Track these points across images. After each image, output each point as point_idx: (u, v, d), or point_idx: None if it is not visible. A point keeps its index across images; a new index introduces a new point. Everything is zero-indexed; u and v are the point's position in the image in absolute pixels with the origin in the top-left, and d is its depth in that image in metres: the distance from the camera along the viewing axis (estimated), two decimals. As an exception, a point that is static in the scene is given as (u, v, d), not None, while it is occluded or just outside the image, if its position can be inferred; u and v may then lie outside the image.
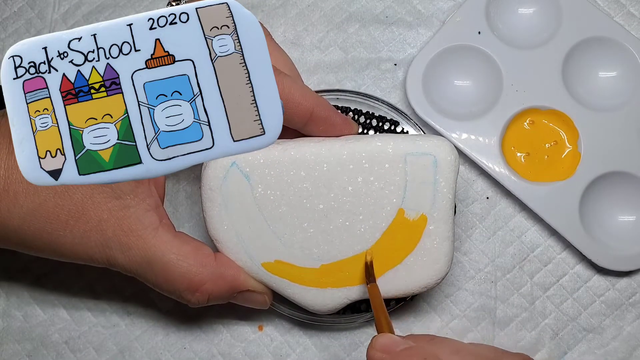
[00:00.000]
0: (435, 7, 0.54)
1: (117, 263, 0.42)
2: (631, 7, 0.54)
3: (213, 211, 0.43)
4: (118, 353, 0.50)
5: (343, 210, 0.43)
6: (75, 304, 0.51)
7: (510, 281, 0.50)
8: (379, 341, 0.39)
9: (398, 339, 0.39)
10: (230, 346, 0.50)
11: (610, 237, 0.49)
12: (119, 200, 0.41)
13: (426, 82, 0.51)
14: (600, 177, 0.49)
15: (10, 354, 0.50)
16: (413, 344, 0.39)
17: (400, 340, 0.39)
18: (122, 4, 0.55)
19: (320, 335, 0.49)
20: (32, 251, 0.43)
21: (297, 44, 0.54)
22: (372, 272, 0.43)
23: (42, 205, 0.40)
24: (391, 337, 0.39)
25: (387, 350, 0.38)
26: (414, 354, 0.38)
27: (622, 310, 0.49)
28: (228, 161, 0.43)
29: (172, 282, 0.42)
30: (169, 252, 0.41)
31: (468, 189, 0.51)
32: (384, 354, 0.38)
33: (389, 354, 0.38)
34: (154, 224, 0.41)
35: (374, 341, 0.39)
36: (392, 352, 0.38)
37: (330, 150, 0.43)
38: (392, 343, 0.38)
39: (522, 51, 0.51)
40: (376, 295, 0.42)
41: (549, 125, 0.51)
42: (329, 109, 0.44)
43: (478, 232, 0.51)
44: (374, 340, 0.39)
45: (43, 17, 0.56)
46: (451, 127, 0.50)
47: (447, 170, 0.43)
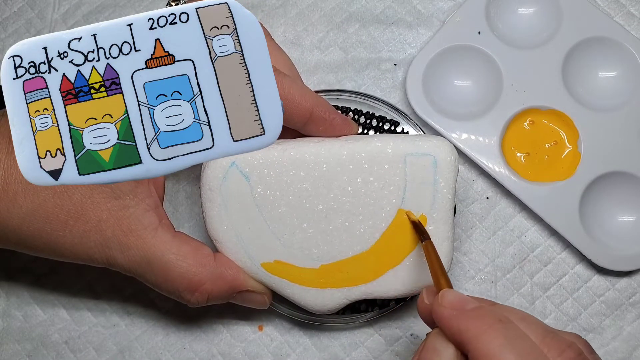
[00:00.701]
0: (435, 7, 0.54)
1: (116, 263, 0.42)
2: (631, 7, 0.54)
3: (213, 211, 0.43)
4: (118, 353, 0.50)
5: (343, 210, 0.43)
6: (75, 304, 0.51)
7: (510, 281, 0.50)
8: (446, 297, 0.36)
9: (466, 296, 0.36)
10: (230, 346, 0.50)
11: (610, 237, 0.49)
12: (119, 201, 0.41)
13: (426, 82, 0.51)
14: (600, 177, 0.49)
15: (10, 354, 0.50)
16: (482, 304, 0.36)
17: (469, 299, 0.36)
18: (122, 4, 0.55)
19: (320, 335, 0.49)
20: (32, 251, 0.43)
21: (297, 44, 0.54)
22: (423, 228, 0.42)
23: (42, 206, 0.40)
24: (459, 294, 0.36)
25: (457, 308, 0.35)
26: (486, 314, 0.35)
27: (622, 310, 0.49)
28: (228, 161, 0.43)
29: (171, 282, 0.42)
30: (169, 252, 0.41)
31: (468, 189, 0.51)
32: (454, 311, 0.35)
33: (460, 311, 0.35)
34: (153, 224, 0.41)
35: (441, 297, 0.36)
36: (462, 309, 0.35)
37: (329, 150, 0.43)
38: (460, 300, 0.36)
39: (522, 51, 0.51)
40: (432, 252, 0.40)
41: (549, 125, 0.51)
42: (328, 109, 0.44)
43: (478, 232, 0.51)
44: (440, 297, 0.36)
45: (43, 17, 0.56)
46: (451, 127, 0.50)
47: (446, 170, 0.43)
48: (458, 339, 0.34)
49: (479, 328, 0.34)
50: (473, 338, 0.33)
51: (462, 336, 0.34)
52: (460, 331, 0.34)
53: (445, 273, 0.39)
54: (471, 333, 0.33)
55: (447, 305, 0.36)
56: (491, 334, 0.33)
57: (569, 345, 0.34)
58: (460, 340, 0.34)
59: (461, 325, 0.34)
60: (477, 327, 0.34)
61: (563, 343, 0.34)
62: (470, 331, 0.34)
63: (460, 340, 0.34)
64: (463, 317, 0.35)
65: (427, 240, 0.41)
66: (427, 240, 0.41)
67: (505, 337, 0.33)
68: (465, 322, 0.34)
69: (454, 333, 0.34)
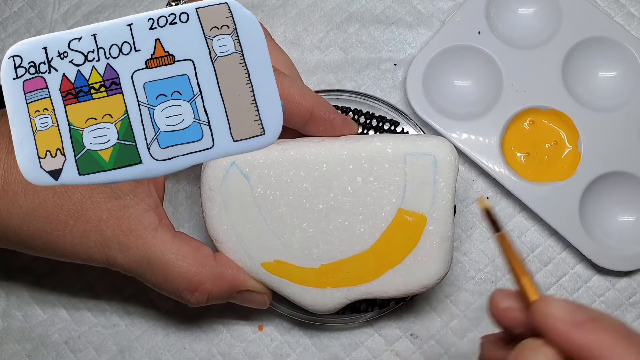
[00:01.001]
0: (435, 7, 0.54)
1: (116, 263, 0.42)
2: (631, 7, 0.54)
3: (213, 211, 0.43)
4: (118, 353, 0.50)
5: (343, 210, 0.43)
6: (75, 304, 0.51)
7: (510, 281, 0.50)
8: (555, 306, 0.32)
9: (574, 305, 0.32)
10: (230, 346, 0.50)
11: (610, 237, 0.49)
12: (119, 200, 0.41)
13: (426, 82, 0.51)
14: (600, 177, 0.49)
15: (10, 354, 0.50)
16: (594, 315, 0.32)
17: (577, 308, 0.32)
18: (122, 4, 0.55)
19: (320, 335, 0.49)
20: (32, 251, 0.43)
21: (297, 44, 0.54)
22: (495, 218, 0.36)
23: (42, 205, 0.40)
24: (568, 303, 0.32)
25: (569, 320, 0.31)
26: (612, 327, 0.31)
27: (622, 310, 0.49)
28: (228, 161, 0.43)
29: (171, 282, 0.42)
30: (168, 252, 0.41)
31: (468, 189, 0.51)
32: (567, 324, 0.31)
33: (574, 324, 0.31)
34: (153, 224, 0.41)
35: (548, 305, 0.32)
36: (576, 321, 0.31)
37: (329, 150, 0.43)
38: (572, 311, 0.31)
39: (522, 51, 0.51)
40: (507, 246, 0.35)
41: (549, 125, 0.51)
42: (328, 109, 0.44)
43: (478, 232, 0.51)
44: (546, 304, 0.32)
45: (43, 17, 0.56)
46: (451, 127, 0.50)
47: (446, 170, 0.43)
48: (577, 355, 0.31)
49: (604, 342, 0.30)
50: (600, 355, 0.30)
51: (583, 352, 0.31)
52: (582, 346, 0.31)
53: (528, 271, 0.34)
54: (596, 348, 0.30)
55: (561, 319, 0.31)
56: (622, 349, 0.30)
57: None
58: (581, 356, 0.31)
59: (582, 340, 0.31)
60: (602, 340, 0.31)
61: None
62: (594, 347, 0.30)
63: (580, 356, 0.31)
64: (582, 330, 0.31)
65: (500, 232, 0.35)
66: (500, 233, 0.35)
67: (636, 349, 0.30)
68: (588, 336, 0.31)
69: (572, 348, 0.31)
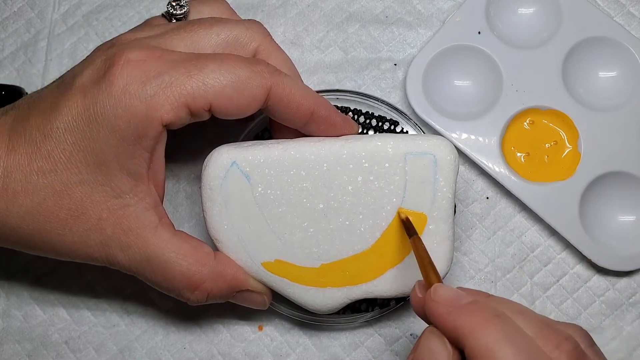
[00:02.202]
0: (435, 7, 0.54)
1: (116, 262, 0.42)
2: (631, 7, 0.54)
3: (213, 211, 0.43)
4: (118, 353, 0.50)
5: (343, 209, 0.43)
6: (75, 304, 0.51)
7: (510, 281, 0.50)
8: (439, 292, 0.35)
9: (460, 291, 0.35)
10: (230, 346, 0.50)
11: (610, 237, 0.49)
12: (119, 199, 0.41)
13: (426, 82, 0.51)
14: (600, 177, 0.49)
15: (10, 354, 0.50)
16: (476, 298, 0.35)
17: (463, 293, 0.35)
18: (122, 4, 0.55)
19: (320, 335, 0.49)
20: (32, 250, 0.43)
21: (297, 44, 0.54)
22: (411, 225, 0.41)
23: (41, 204, 0.40)
24: (453, 290, 0.35)
25: (450, 304, 0.34)
26: (482, 309, 0.34)
27: (622, 310, 0.49)
28: (228, 161, 0.43)
29: (171, 281, 0.42)
30: (169, 250, 0.41)
31: (468, 189, 0.51)
32: (448, 307, 0.34)
33: (453, 307, 0.34)
34: (153, 222, 0.41)
35: (434, 293, 0.35)
36: (456, 305, 0.34)
37: (330, 149, 0.43)
38: (455, 296, 0.35)
39: (522, 51, 0.51)
40: (420, 247, 0.39)
41: (549, 125, 0.51)
42: (329, 109, 0.44)
43: (478, 232, 0.51)
44: (433, 292, 0.35)
45: (43, 17, 0.56)
46: (451, 127, 0.50)
47: (447, 169, 0.43)
48: (453, 336, 0.34)
49: (475, 323, 0.33)
50: (469, 334, 0.33)
51: (457, 332, 0.33)
52: (456, 327, 0.33)
53: (435, 267, 0.38)
54: (467, 329, 0.33)
55: (441, 301, 0.35)
56: (487, 328, 0.33)
57: (565, 338, 0.33)
58: (456, 336, 0.33)
59: (456, 322, 0.34)
60: (473, 322, 0.33)
61: (560, 335, 0.33)
62: (466, 327, 0.33)
63: (455, 337, 0.33)
64: (457, 312, 0.34)
65: (415, 236, 0.40)
66: (415, 236, 0.40)
67: (501, 331, 0.32)
68: (461, 317, 0.34)
69: (449, 329, 0.34)
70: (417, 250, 0.39)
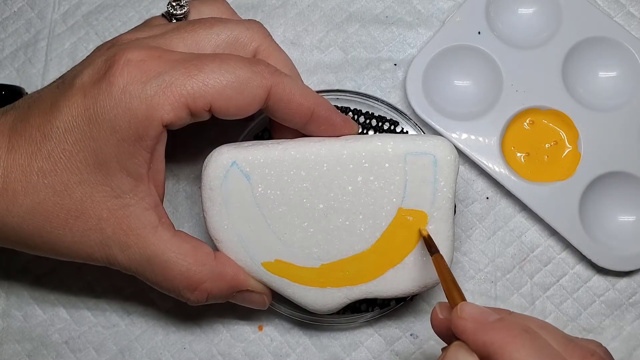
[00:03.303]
0: (435, 7, 0.54)
1: (116, 262, 0.42)
2: (631, 7, 0.54)
3: (213, 211, 0.43)
4: (118, 353, 0.50)
5: (343, 209, 0.43)
6: (75, 304, 0.51)
7: (510, 281, 0.50)
8: (466, 310, 0.36)
9: (487, 309, 0.36)
10: (230, 346, 0.50)
11: (610, 237, 0.49)
12: (119, 199, 0.41)
13: (426, 82, 0.51)
14: (600, 177, 0.49)
15: (10, 354, 0.50)
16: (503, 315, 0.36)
17: (489, 311, 0.36)
18: (122, 4, 0.55)
19: (320, 335, 0.49)
20: (32, 250, 0.43)
21: (297, 44, 0.54)
22: (432, 243, 0.42)
23: (41, 204, 0.40)
24: (479, 307, 0.36)
25: (479, 320, 0.35)
26: (512, 325, 0.34)
27: (622, 310, 0.49)
28: (228, 161, 0.43)
29: (171, 281, 0.42)
30: (169, 250, 0.41)
31: (468, 189, 0.51)
32: (477, 324, 0.35)
33: (482, 323, 0.35)
34: (153, 222, 0.41)
35: (462, 310, 0.36)
36: (485, 321, 0.35)
37: (330, 149, 0.43)
38: (481, 313, 0.36)
39: (522, 51, 0.51)
40: (443, 265, 0.40)
41: (549, 125, 0.51)
42: (329, 109, 0.44)
43: (478, 232, 0.51)
44: (461, 309, 0.36)
45: (43, 17, 0.56)
46: (451, 127, 0.50)
47: (447, 169, 0.43)
48: (483, 352, 0.34)
49: (505, 339, 0.33)
50: (499, 350, 0.33)
51: (487, 348, 0.34)
52: (486, 343, 0.34)
53: (458, 286, 0.38)
54: (497, 345, 0.33)
55: (469, 318, 0.35)
56: (517, 344, 0.33)
57: (591, 354, 0.34)
58: (486, 352, 0.34)
59: (486, 338, 0.34)
60: (503, 338, 0.34)
61: (586, 351, 0.34)
62: (496, 343, 0.33)
63: (486, 353, 0.34)
64: (487, 329, 0.34)
65: (437, 254, 0.41)
66: (437, 254, 0.41)
67: (531, 346, 0.33)
68: (490, 334, 0.34)
69: (480, 345, 0.34)
70: (439, 268, 0.40)
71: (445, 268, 0.40)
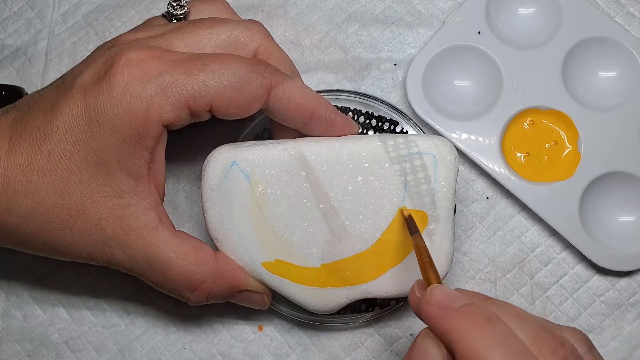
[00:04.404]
0: (435, 7, 0.54)
1: (116, 262, 0.42)
2: (631, 7, 0.54)
3: (213, 210, 0.43)
4: (118, 353, 0.50)
5: (343, 209, 0.43)
6: (75, 304, 0.51)
7: (510, 281, 0.50)
8: (434, 294, 0.34)
9: (456, 293, 0.35)
10: (230, 346, 0.50)
11: (610, 237, 0.49)
12: (119, 199, 0.41)
13: (426, 82, 0.51)
14: (600, 177, 0.49)
15: (10, 354, 0.50)
16: (472, 301, 0.34)
17: (458, 295, 0.34)
18: (122, 4, 0.55)
19: (320, 335, 0.49)
20: (32, 250, 0.43)
21: (297, 44, 0.54)
22: (413, 223, 0.41)
23: (42, 204, 0.40)
24: (448, 291, 0.35)
25: (444, 306, 0.34)
26: (476, 313, 0.33)
27: (622, 310, 0.49)
28: (228, 160, 0.43)
29: (171, 281, 0.42)
30: (169, 250, 0.41)
31: (468, 189, 0.51)
32: (441, 310, 0.34)
33: (447, 309, 0.33)
34: (153, 222, 0.41)
35: (430, 294, 0.35)
36: (450, 308, 0.34)
37: (330, 149, 0.43)
38: (449, 298, 0.34)
39: (522, 51, 0.51)
40: (421, 246, 0.39)
41: (549, 125, 0.51)
42: (329, 109, 0.44)
43: (478, 232, 0.51)
44: (429, 293, 0.35)
45: (43, 17, 0.56)
46: (451, 127, 0.50)
47: (447, 169, 0.43)
48: (445, 339, 0.33)
49: (465, 328, 0.32)
50: (459, 339, 0.32)
51: (448, 336, 0.33)
52: (447, 331, 0.33)
53: (434, 267, 0.37)
54: (457, 334, 0.32)
55: (435, 303, 0.34)
56: (478, 334, 0.32)
57: (562, 343, 0.33)
58: (447, 340, 0.33)
59: (447, 325, 0.33)
60: (464, 327, 0.32)
61: (556, 341, 0.33)
62: (456, 331, 0.32)
63: (447, 341, 0.33)
64: (449, 315, 0.33)
65: (416, 234, 0.40)
66: (416, 234, 0.40)
67: (492, 337, 0.32)
68: (452, 321, 0.33)
69: (441, 333, 0.33)
70: (417, 248, 0.39)
71: (423, 249, 0.39)
